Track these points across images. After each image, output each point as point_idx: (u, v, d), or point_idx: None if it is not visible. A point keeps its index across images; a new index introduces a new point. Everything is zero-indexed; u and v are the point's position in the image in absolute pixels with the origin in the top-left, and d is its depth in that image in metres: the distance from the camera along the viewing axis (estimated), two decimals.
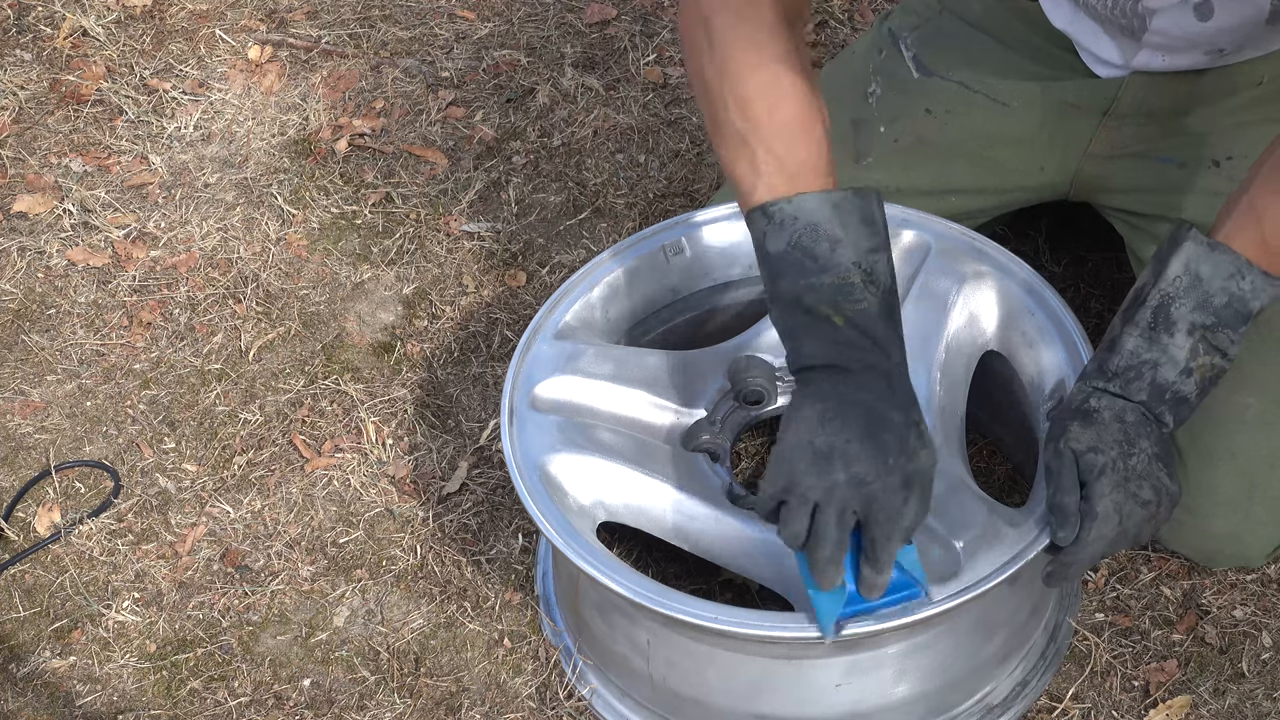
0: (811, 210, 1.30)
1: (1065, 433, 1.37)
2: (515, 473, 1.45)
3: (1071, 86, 1.64)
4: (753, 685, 1.44)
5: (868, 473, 1.25)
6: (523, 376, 1.53)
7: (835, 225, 1.30)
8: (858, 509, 1.25)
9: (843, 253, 1.30)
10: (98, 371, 1.95)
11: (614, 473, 1.47)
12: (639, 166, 2.14)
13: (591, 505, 1.47)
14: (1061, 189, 1.71)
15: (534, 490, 1.44)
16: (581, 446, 1.48)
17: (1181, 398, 1.38)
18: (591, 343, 1.58)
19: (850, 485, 1.25)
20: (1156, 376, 1.37)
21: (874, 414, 1.27)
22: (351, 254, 2.06)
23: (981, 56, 1.70)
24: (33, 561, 1.76)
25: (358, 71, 2.31)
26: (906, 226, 1.60)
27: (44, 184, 2.19)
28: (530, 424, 1.50)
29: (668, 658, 1.47)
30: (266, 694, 1.63)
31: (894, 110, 1.73)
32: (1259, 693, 1.55)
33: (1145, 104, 1.62)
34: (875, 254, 1.31)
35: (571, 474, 1.48)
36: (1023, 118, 1.67)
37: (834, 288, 1.29)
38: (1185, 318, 1.36)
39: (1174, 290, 1.36)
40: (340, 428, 1.85)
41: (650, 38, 2.32)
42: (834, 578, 1.26)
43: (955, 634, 1.44)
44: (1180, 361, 1.36)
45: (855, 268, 1.29)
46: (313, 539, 1.75)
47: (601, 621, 1.52)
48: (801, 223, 1.30)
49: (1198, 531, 1.55)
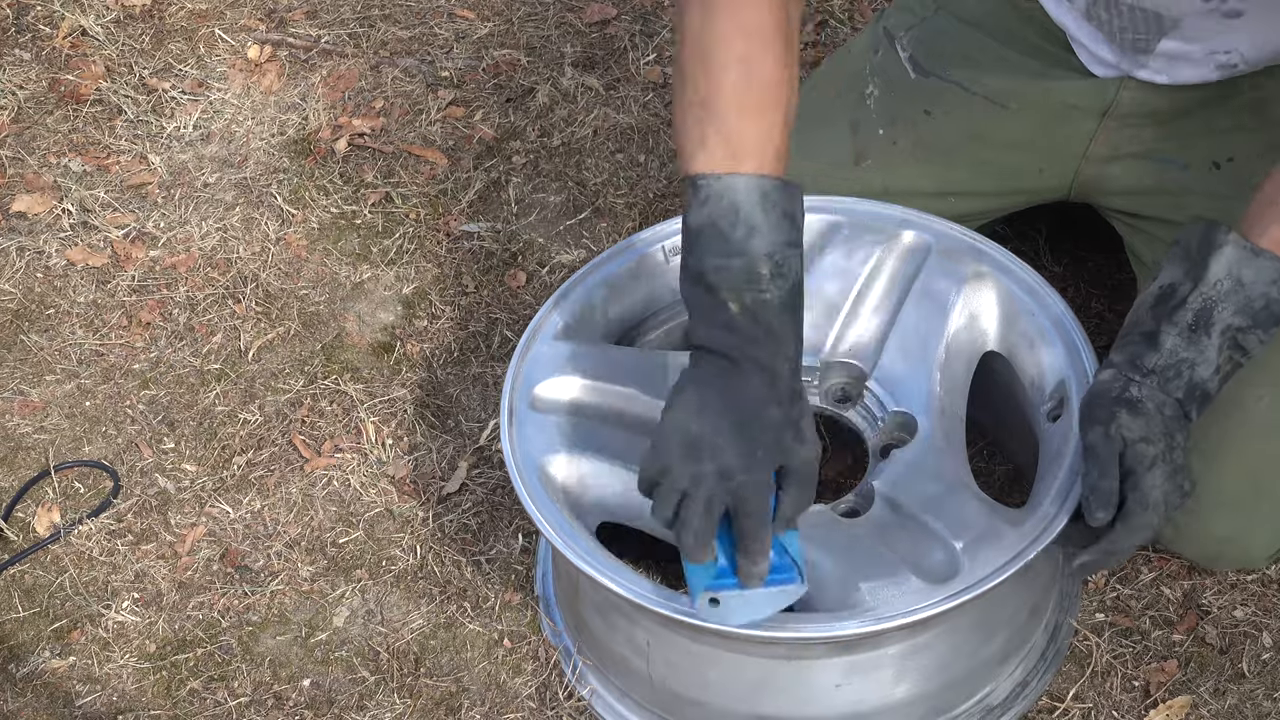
0: (737, 192, 1.30)
1: (1114, 419, 1.37)
2: (515, 474, 1.45)
3: (1070, 87, 1.64)
4: (753, 686, 1.44)
5: (735, 466, 1.27)
6: (522, 377, 1.53)
7: (757, 212, 1.30)
8: (725, 500, 1.27)
9: (757, 241, 1.30)
10: (97, 371, 1.95)
11: (613, 473, 1.47)
12: (639, 166, 2.14)
13: (591, 505, 1.47)
14: (1061, 190, 1.71)
15: (534, 491, 1.44)
16: (581, 447, 1.48)
17: (1206, 394, 1.39)
18: (592, 343, 1.57)
19: (717, 477, 1.27)
20: (1193, 376, 1.38)
21: (750, 409, 1.29)
22: (351, 254, 2.06)
23: (979, 56, 1.70)
24: (32, 562, 1.76)
25: (357, 71, 2.31)
26: (907, 227, 1.60)
27: (43, 184, 2.19)
28: (530, 424, 1.50)
29: (667, 658, 1.47)
30: (266, 694, 1.63)
31: (892, 112, 1.72)
32: (1259, 693, 1.55)
33: (1144, 105, 1.62)
34: (790, 248, 1.31)
35: (571, 474, 1.48)
36: (1022, 120, 1.67)
37: (740, 273, 1.29)
38: (1224, 320, 1.37)
39: (1216, 294, 1.37)
40: (340, 428, 1.85)
41: (650, 37, 2.32)
42: (701, 557, 1.29)
43: (955, 634, 1.44)
44: (1214, 361, 1.38)
45: (767, 258, 1.30)
46: (312, 539, 1.75)
47: (601, 622, 1.52)
48: (725, 203, 1.30)
49: (1199, 533, 1.55)
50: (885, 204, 1.63)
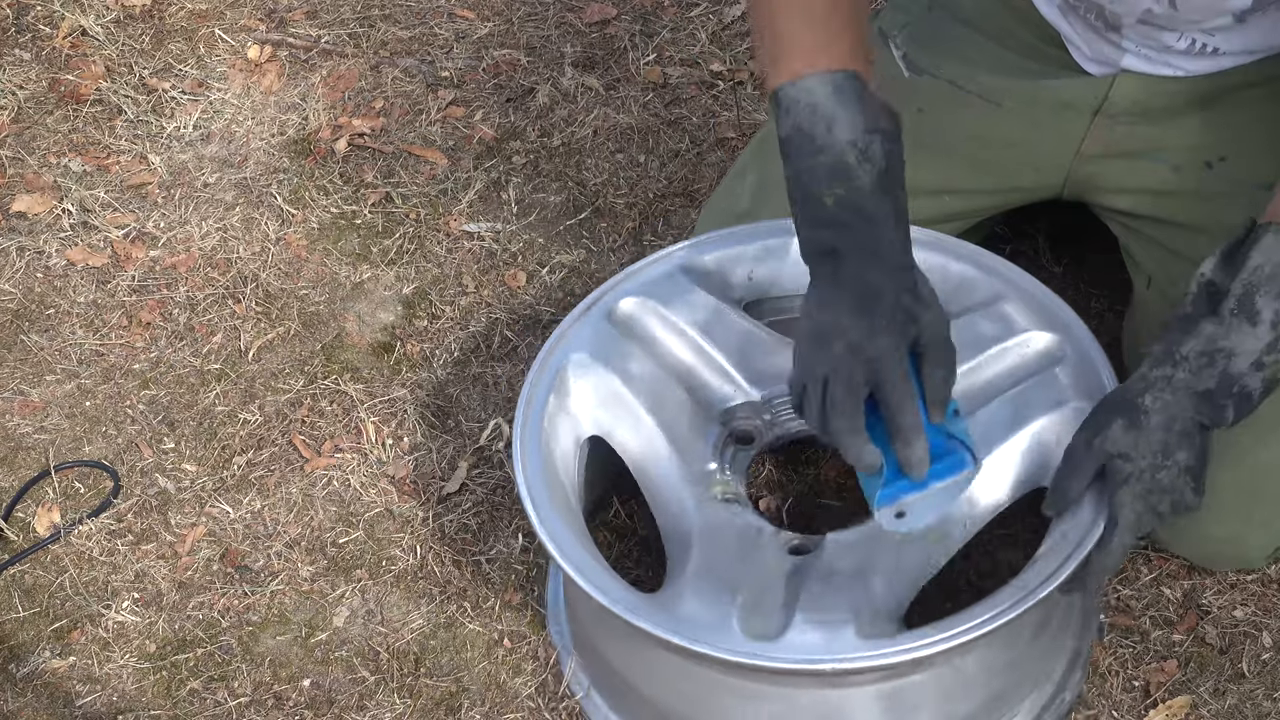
0: (812, 93, 1.33)
1: (1103, 430, 1.36)
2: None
3: (1063, 85, 1.64)
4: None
5: (861, 341, 1.31)
6: (620, 289, 1.55)
7: (834, 105, 1.32)
8: (864, 378, 1.30)
9: (839, 131, 1.32)
10: (97, 371, 1.95)
11: (624, 401, 1.49)
12: (639, 166, 2.14)
13: (587, 417, 1.50)
14: (1054, 189, 1.71)
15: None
16: (611, 363, 1.50)
17: (1247, 393, 1.34)
18: (710, 292, 1.56)
19: (848, 355, 1.30)
20: (1230, 366, 1.34)
21: (862, 290, 1.32)
22: (351, 254, 2.06)
23: (972, 54, 1.70)
24: (32, 561, 1.76)
25: (357, 71, 2.31)
26: (1053, 330, 1.52)
27: (43, 184, 2.19)
28: (589, 325, 1.53)
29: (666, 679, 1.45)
30: (266, 694, 1.63)
31: None
32: (1259, 693, 1.55)
33: (1137, 103, 1.62)
34: (872, 134, 1.33)
35: (585, 379, 1.50)
36: (1015, 117, 1.67)
37: (829, 167, 1.32)
38: (1270, 306, 1.33)
39: (1256, 279, 1.33)
40: (340, 428, 1.85)
41: (650, 37, 2.32)
42: (860, 450, 1.32)
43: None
44: (1254, 353, 1.33)
45: (850, 146, 1.32)
46: (313, 539, 1.75)
47: (605, 642, 1.51)
48: (803, 105, 1.33)
49: (1198, 534, 1.55)
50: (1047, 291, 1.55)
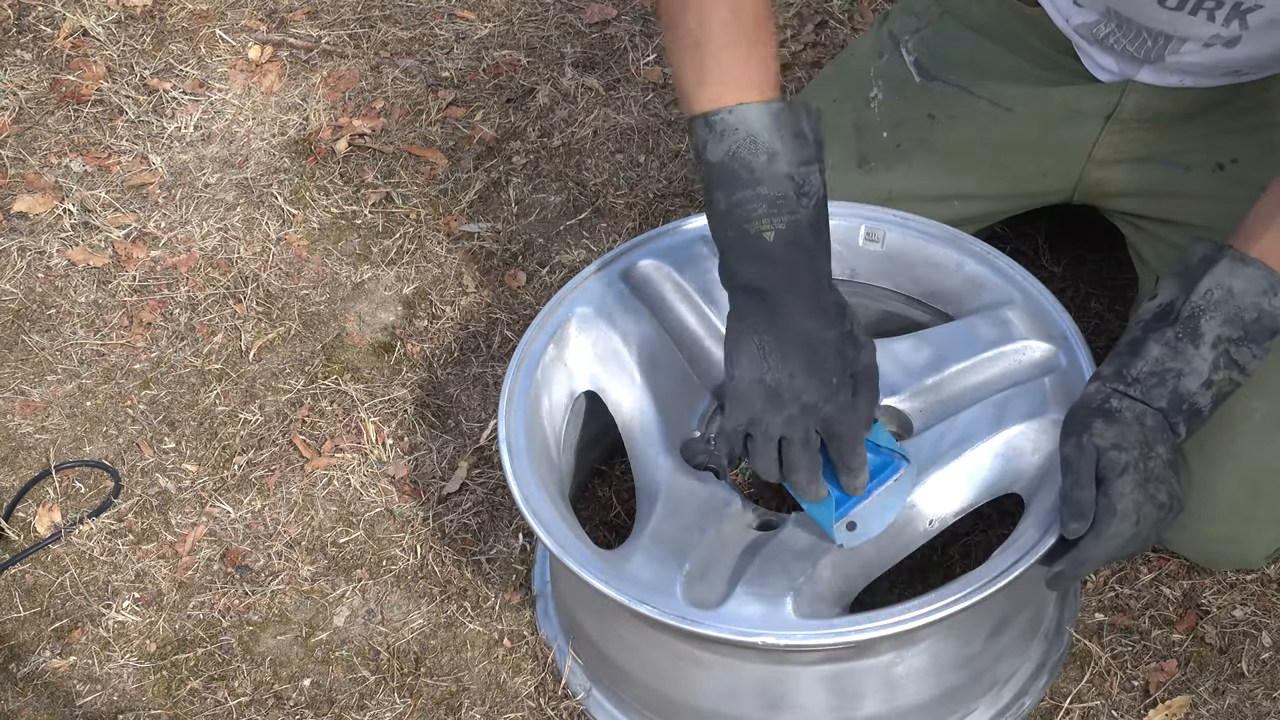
0: (752, 121, 1.32)
1: (1089, 428, 1.36)
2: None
3: (1074, 91, 1.64)
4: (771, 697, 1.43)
5: (817, 400, 1.32)
6: (638, 250, 1.58)
7: (774, 137, 1.32)
8: (818, 430, 1.33)
9: (778, 164, 1.32)
10: (98, 371, 1.95)
11: (622, 359, 1.51)
12: (639, 166, 2.14)
13: (584, 371, 1.52)
14: (1065, 194, 1.71)
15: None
16: (615, 321, 1.52)
17: (1197, 410, 1.37)
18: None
19: (805, 414, 1.32)
20: (1179, 386, 1.37)
21: (808, 341, 1.33)
22: (351, 254, 2.06)
23: (983, 60, 1.70)
24: (33, 561, 1.76)
25: (358, 71, 2.31)
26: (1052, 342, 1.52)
27: (44, 184, 2.19)
28: (601, 281, 1.55)
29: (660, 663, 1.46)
30: (266, 694, 1.63)
31: (897, 115, 1.72)
32: (1259, 693, 1.55)
33: (1148, 109, 1.62)
34: (807, 166, 1.34)
35: (586, 334, 1.52)
36: (1026, 123, 1.67)
37: (770, 200, 1.32)
38: (1213, 331, 1.36)
39: (1205, 303, 1.37)
40: (340, 428, 1.86)
41: (650, 38, 2.32)
42: (818, 492, 1.34)
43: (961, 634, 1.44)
44: (1203, 373, 1.37)
45: (789, 180, 1.32)
46: (313, 539, 1.75)
47: (599, 627, 1.51)
48: (741, 134, 1.32)
49: (1199, 534, 1.55)
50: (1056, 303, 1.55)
